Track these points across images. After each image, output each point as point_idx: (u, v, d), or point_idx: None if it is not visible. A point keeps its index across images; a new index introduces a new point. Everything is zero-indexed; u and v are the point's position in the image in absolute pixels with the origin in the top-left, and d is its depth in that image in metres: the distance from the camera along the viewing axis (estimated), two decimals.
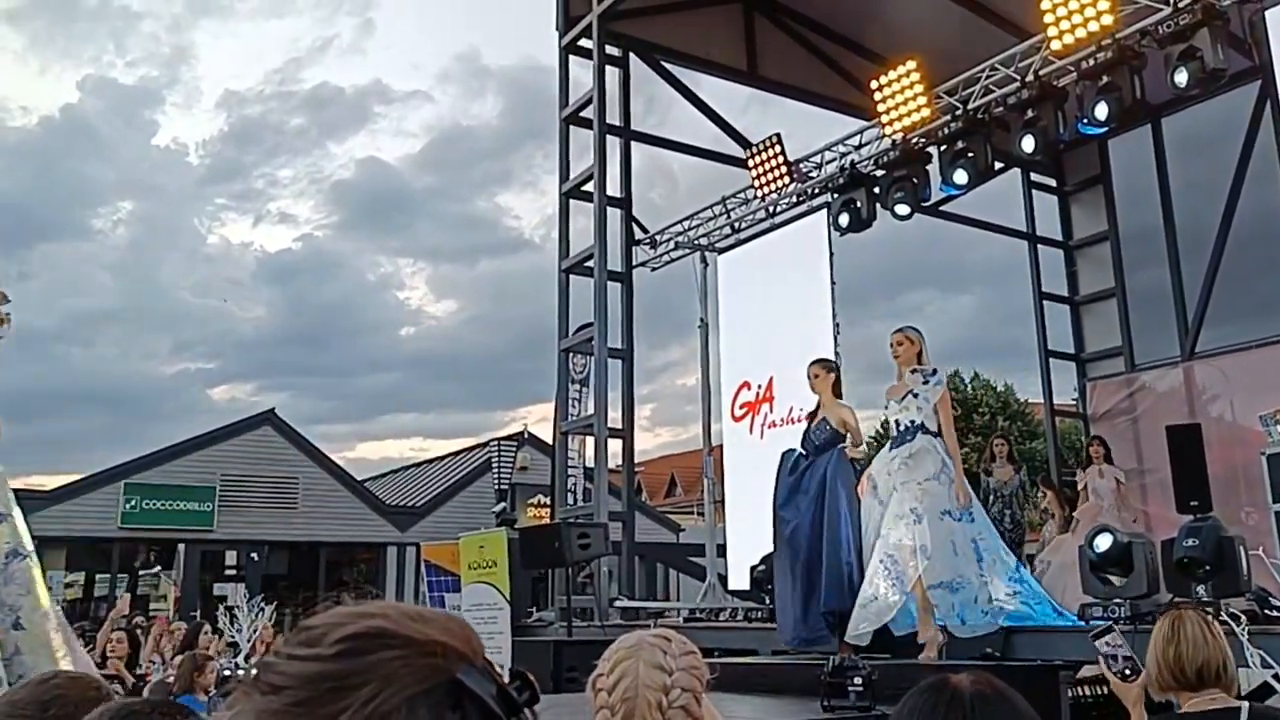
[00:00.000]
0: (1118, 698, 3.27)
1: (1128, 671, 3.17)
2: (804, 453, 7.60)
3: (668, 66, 13.35)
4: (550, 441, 13.51)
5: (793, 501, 7.51)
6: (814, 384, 7.57)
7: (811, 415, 7.66)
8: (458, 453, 26.68)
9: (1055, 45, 8.70)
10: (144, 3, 72.87)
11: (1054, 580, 9.21)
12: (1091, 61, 8.54)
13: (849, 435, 7.36)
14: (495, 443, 22.61)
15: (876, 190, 10.64)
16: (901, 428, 6.88)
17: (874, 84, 10.08)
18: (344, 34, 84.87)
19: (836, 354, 10.60)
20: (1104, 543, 6.67)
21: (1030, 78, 9.17)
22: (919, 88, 9.75)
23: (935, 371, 6.92)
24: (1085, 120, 8.72)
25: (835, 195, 10.98)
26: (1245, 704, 2.88)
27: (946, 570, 6.52)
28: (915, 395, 6.82)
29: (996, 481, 11.39)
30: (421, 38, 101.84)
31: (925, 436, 6.73)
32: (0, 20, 61.79)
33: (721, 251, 12.60)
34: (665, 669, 2.07)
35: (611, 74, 12.80)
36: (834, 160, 11.23)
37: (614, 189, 12.52)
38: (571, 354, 12.45)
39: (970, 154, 9.76)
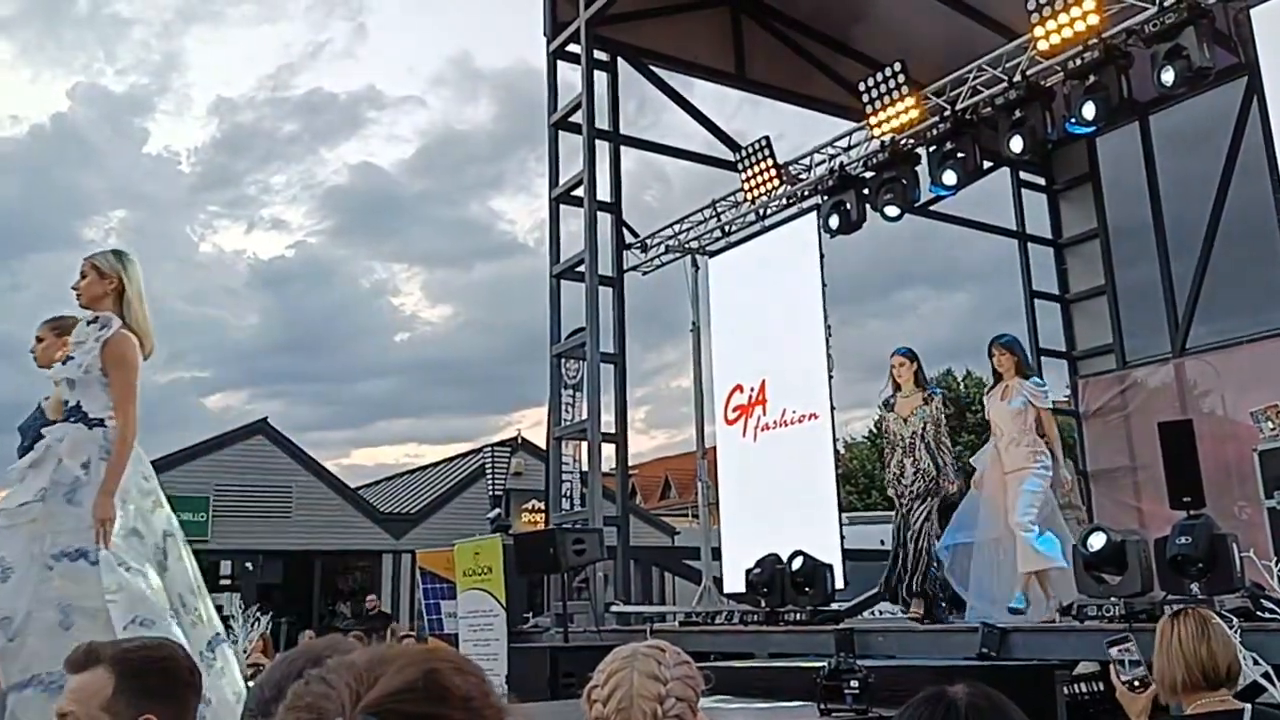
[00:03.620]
0: (1113, 696, 3.27)
1: (1137, 682, 3.16)
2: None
3: (656, 70, 13.36)
4: (544, 446, 13.51)
5: None
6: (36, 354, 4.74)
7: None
8: (452, 459, 26.67)
9: (1042, 45, 8.73)
10: (134, 9, 73.02)
11: (976, 564, 7.75)
12: (1078, 61, 8.57)
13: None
14: (489, 449, 22.63)
15: (866, 192, 10.65)
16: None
17: (862, 86, 10.10)
18: (337, 39, 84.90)
19: (829, 355, 10.62)
20: (1097, 541, 6.69)
21: (1018, 78, 9.19)
22: (906, 89, 9.76)
23: (110, 319, 4.25)
24: (1073, 120, 8.73)
25: (825, 197, 10.99)
26: (1248, 706, 2.88)
27: (32, 662, 3.74)
28: (67, 360, 4.25)
29: (895, 419, 8.26)
30: (414, 42, 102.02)
31: (63, 429, 4.17)
32: None
33: (712, 255, 12.61)
34: (660, 679, 2.08)
35: (600, 78, 12.81)
36: (823, 162, 11.25)
37: (604, 194, 12.53)
38: (564, 359, 12.46)
39: (959, 154, 9.78)
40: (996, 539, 7.73)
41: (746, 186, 11.47)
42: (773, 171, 11.23)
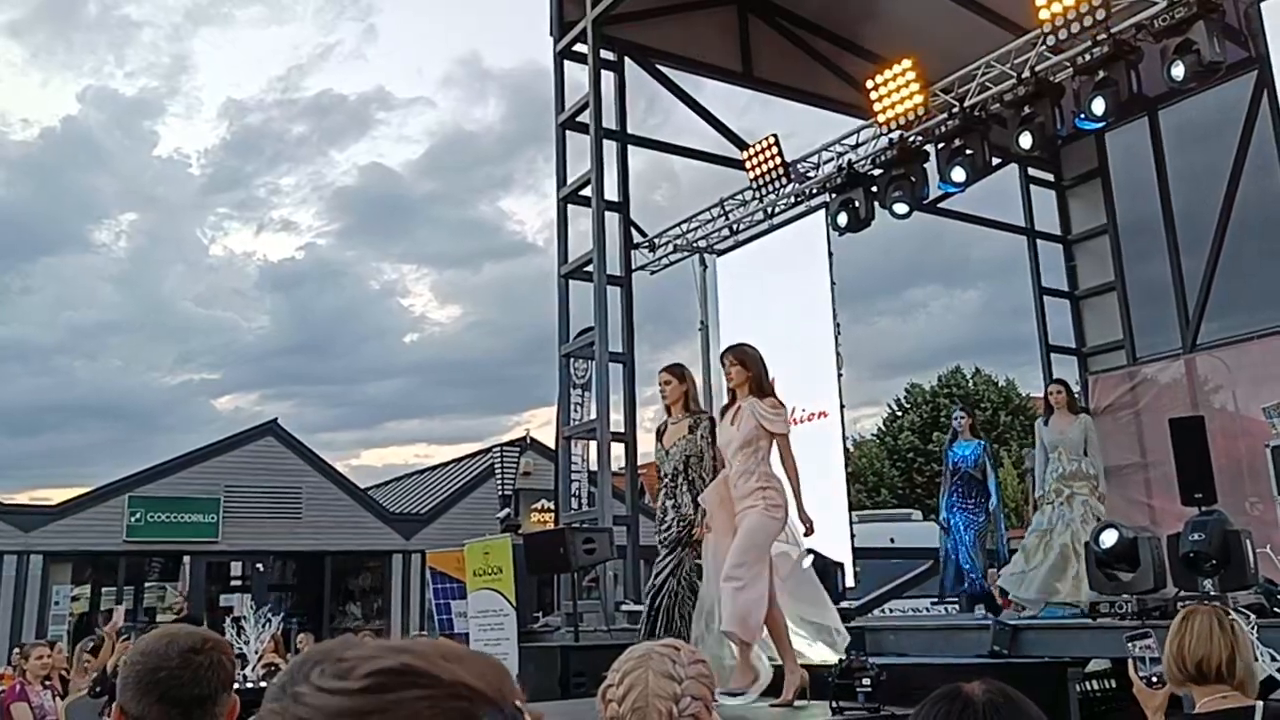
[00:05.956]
0: (1126, 692, 3.27)
1: (1155, 679, 3.15)
2: None
3: (663, 69, 13.34)
4: (553, 446, 13.51)
5: None
6: None
7: None
8: (461, 459, 26.68)
9: (1051, 41, 8.71)
10: (144, 13, 72.90)
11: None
12: (1087, 57, 8.54)
13: None
14: (499, 448, 22.62)
15: (874, 189, 10.63)
16: None
17: (870, 83, 10.07)
18: (346, 40, 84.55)
19: (838, 354, 10.60)
20: (1109, 538, 6.67)
21: (1026, 74, 9.16)
22: (915, 86, 9.74)
23: None
24: (1082, 115, 8.72)
25: (833, 195, 10.98)
26: (1260, 703, 2.87)
27: None
28: None
29: (659, 453, 6.79)
30: (424, 42, 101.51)
31: None
32: (1, 33, 61.92)
33: (720, 254, 12.59)
34: (675, 678, 2.07)
35: (607, 78, 12.79)
36: (831, 160, 11.23)
37: (612, 193, 12.51)
38: (573, 359, 12.45)
39: (968, 151, 9.76)
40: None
41: (755, 185, 11.45)
42: (781, 170, 11.21)
